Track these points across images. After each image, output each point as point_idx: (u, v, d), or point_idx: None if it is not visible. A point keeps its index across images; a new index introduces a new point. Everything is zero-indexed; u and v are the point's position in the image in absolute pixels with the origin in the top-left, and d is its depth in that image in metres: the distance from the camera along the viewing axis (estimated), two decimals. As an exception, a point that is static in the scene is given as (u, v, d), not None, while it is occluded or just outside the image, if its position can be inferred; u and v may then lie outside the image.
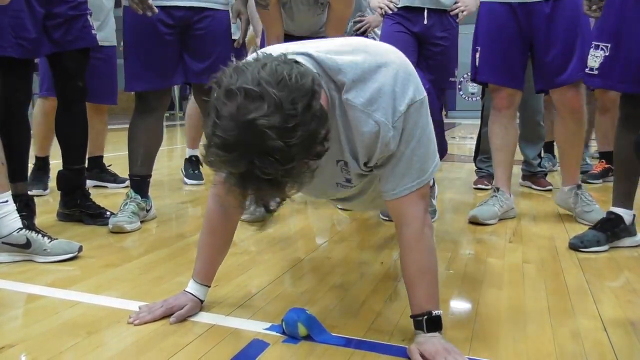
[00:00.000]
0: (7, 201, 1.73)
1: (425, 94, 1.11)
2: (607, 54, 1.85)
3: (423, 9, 2.61)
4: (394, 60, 1.10)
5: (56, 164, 2.68)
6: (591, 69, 1.91)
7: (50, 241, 1.77)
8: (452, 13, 2.64)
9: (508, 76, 2.34)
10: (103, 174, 3.24)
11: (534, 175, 3.20)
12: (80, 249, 1.81)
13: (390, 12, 2.65)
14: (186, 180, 3.36)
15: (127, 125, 2.30)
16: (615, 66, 1.83)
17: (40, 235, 1.76)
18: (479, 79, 2.42)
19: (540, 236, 2.11)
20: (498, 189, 2.38)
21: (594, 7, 1.90)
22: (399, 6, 2.64)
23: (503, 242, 2.03)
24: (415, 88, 1.09)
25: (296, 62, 0.97)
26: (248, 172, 0.89)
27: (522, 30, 2.27)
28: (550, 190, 3.06)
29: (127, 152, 2.31)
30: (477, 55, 2.39)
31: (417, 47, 2.67)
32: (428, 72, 2.69)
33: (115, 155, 3.39)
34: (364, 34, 3.03)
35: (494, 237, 2.10)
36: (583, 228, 2.02)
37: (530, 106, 3.08)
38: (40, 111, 2.93)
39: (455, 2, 2.64)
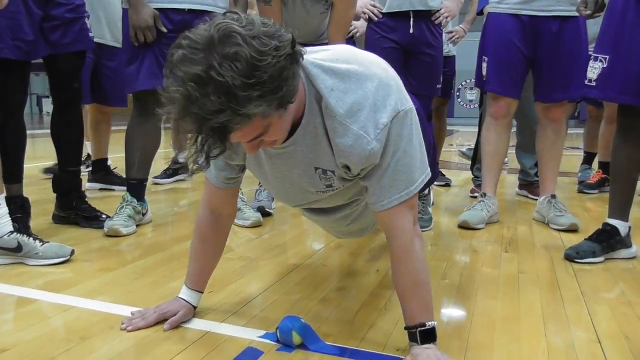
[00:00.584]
0: None
1: (411, 104, 1.09)
2: (605, 65, 1.86)
3: (409, 16, 2.57)
4: (378, 73, 1.07)
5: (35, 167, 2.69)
6: (589, 80, 1.92)
7: (42, 244, 1.76)
8: (436, 21, 2.63)
9: (509, 86, 2.41)
10: (109, 176, 3.21)
11: (530, 185, 3.21)
12: (72, 252, 1.80)
13: (376, 18, 2.64)
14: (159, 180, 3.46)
15: (125, 127, 2.30)
16: (613, 78, 1.84)
17: (31, 239, 1.75)
18: (487, 89, 2.48)
19: (535, 246, 2.11)
20: (485, 194, 2.48)
21: (588, 11, 1.93)
22: (383, 11, 2.62)
23: (499, 251, 2.03)
24: (398, 99, 1.06)
25: None
26: (202, 75, 0.83)
27: (527, 44, 2.36)
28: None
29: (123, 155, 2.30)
30: (485, 65, 2.45)
31: (404, 59, 2.67)
32: (415, 80, 2.70)
33: (114, 156, 3.36)
34: (351, 39, 3.04)
35: (489, 247, 2.10)
36: (579, 238, 2.02)
37: (528, 115, 3.09)
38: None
39: (439, 9, 2.64)
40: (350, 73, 1.05)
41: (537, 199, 3.08)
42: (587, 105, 3.68)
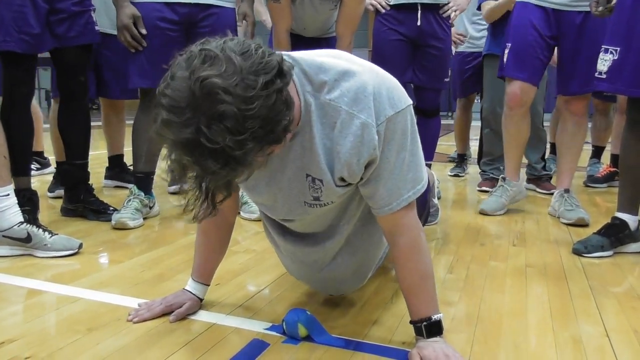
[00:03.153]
0: (8, 195, 1.74)
1: (410, 101, 1.06)
2: (615, 57, 1.84)
3: (416, 8, 2.55)
4: (375, 68, 1.05)
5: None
6: (600, 73, 1.90)
7: (51, 236, 1.77)
8: (444, 15, 2.61)
9: (531, 73, 2.41)
10: (124, 173, 3.11)
11: (538, 179, 3.19)
12: (80, 246, 1.81)
13: (383, 10, 2.62)
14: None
15: (132, 122, 2.30)
16: (624, 70, 1.82)
17: (41, 230, 1.77)
18: (506, 74, 2.46)
19: (544, 240, 2.10)
20: (504, 179, 2.54)
21: (600, 8, 1.91)
22: (391, 4, 2.60)
23: (506, 245, 2.02)
24: (398, 94, 1.03)
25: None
26: (193, 140, 0.78)
27: (552, 34, 2.36)
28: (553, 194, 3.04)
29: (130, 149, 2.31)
30: (507, 51, 2.45)
31: (411, 52, 2.65)
32: (422, 73, 2.70)
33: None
34: None
35: (497, 240, 2.09)
36: (588, 233, 2.01)
37: (531, 110, 3.06)
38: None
39: (447, 3, 2.62)
40: (350, 64, 1.02)
41: (544, 193, 3.08)
42: (593, 98, 3.64)
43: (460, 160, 3.85)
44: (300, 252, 1.29)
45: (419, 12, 2.56)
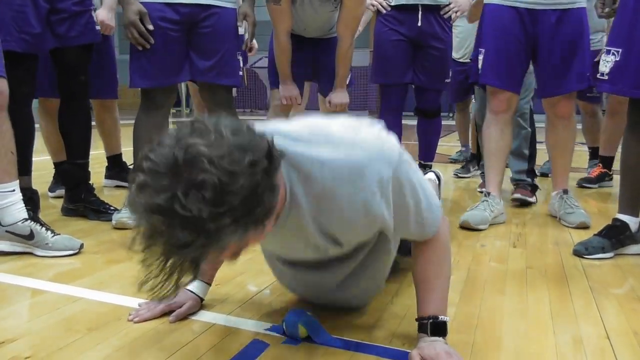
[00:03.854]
0: (13, 190, 1.74)
1: (399, 148, 1.02)
2: (617, 59, 1.84)
3: (417, 9, 2.54)
4: (362, 129, 1.00)
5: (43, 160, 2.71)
6: (602, 74, 1.89)
7: (54, 236, 1.77)
8: (445, 15, 2.60)
9: (509, 79, 2.32)
10: (124, 173, 3.07)
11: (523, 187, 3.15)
12: (81, 246, 1.81)
13: (384, 11, 2.62)
14: None
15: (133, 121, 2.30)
16: (626, 71, 1.81)
17: (44, 229, 1.77)
18: (482, 81, 2.39)
19: (544, 242, 2.10)
20: (489, 194, 2.37)
21: (607, 9, 1.90)
22: (392, 4, 2.60)
23: (507, 246, 2.02)
24: (391, 148, 1.00)
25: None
26: (166, 207, 0.72)
27: (527, 36, 2.26)
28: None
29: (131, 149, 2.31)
30: (481, 57, 2.36)
31: (412, 52, 2.65)
32: (423, 74, 2.69)
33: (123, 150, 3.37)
34: None
35: (497, 242, 2.09)
36: (588, 234, 2.00)
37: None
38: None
39: (449, 4, 2.61)
40: (334, 137, 0.98)
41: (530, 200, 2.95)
42: (578, 101, 3.59)
43: (472, 158, 3.81)
44: (306, 276, 1.29)
45: (420, 12, 2.56)
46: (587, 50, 2.25)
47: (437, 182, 2.28)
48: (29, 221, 1.75)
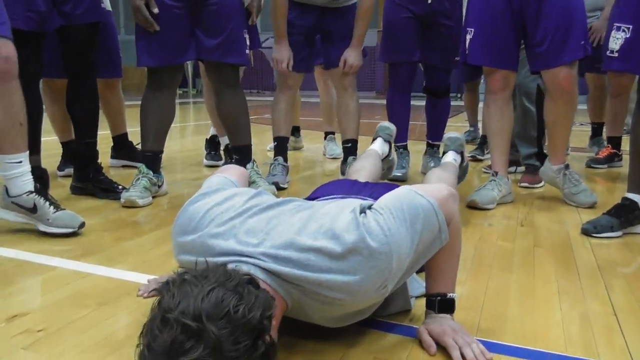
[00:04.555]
0: (21, 162, 1.73)
1: (381, 235, 0.94)
2: (628, 35, 1.80)
3: None
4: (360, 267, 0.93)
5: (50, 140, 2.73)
6: (611, 51, 1.86)
7: (55, 212, 1.76)
8: None
9: (502, 57, 2.27)
10: (132, 153, 3.08)
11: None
12: (82, 225, 1.79)
13: None
14: (205, 160, 3.26)
15: (139, 102, 2.30)
16: (637, 48, 1.78)
17: (47, 204, 1.75)
18: (470, 61, 2.34)
19: (552, 221, 2.09)
20: (496, 173, 2.35)
21: None
22: None
23: (515, 225, 2.02)
24: (378, 251, 0.93)
25: (250, 281, 0.82)
26: None
27: (514, 10, 2.20)
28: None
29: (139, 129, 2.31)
30: (469, 37, 2.31)
31: (422, 30, 2.62)
32: (432, 52, 2.66)
33: (130, 130, 3.37)
34: None
35: (505, 221, 2.08)
36: (597, 213, 1.99)
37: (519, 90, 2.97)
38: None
39: None
40: (325, 249, 0.93)
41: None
42: (588, 75, 3.50)
43: (483, 142, 3.75)
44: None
45: None
46: (581, 17, 2.16)
47: (458, 162, 2.25)
48: (34, 194, 1.75)
